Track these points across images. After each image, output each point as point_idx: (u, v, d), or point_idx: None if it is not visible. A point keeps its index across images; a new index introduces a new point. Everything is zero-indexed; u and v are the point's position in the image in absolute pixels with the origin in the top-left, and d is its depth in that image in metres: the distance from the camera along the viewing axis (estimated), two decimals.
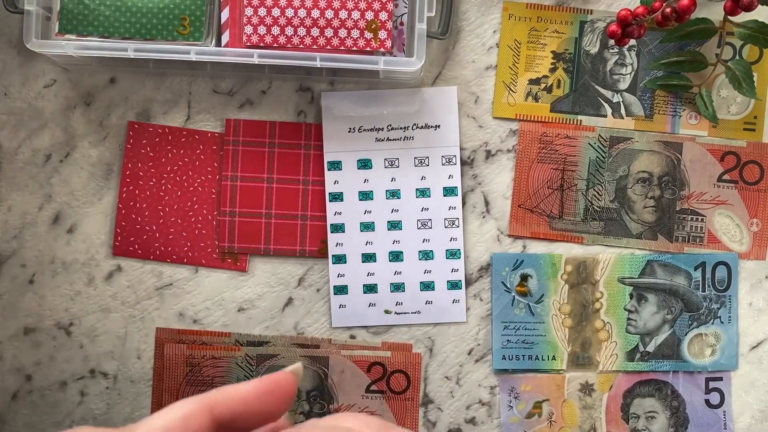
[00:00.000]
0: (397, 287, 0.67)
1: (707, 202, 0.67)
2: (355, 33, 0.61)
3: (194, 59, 0.60)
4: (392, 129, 0.66)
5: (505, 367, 0.67)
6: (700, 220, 0.67)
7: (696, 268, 0.66)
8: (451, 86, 0.66)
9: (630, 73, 0.66)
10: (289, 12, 0.61)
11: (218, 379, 0.66)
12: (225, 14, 0.63)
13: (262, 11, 0.61)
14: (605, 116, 0.66)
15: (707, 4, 0.65)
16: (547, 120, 0.66)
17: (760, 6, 0.60)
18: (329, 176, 0.66)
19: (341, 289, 0.67)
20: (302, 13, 0.61)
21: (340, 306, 0.67)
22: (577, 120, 0.67)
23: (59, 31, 0.62)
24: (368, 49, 0.62)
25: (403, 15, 0.63)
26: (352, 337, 0.67)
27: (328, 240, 0.67)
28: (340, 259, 0.67)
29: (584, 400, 0.67)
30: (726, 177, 0.67)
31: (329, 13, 0.61)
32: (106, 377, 0.68)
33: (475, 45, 0.67)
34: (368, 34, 0.61)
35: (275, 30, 0.62)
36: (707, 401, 0.67)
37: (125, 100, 0.67)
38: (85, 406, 0.68)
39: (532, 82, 0.66)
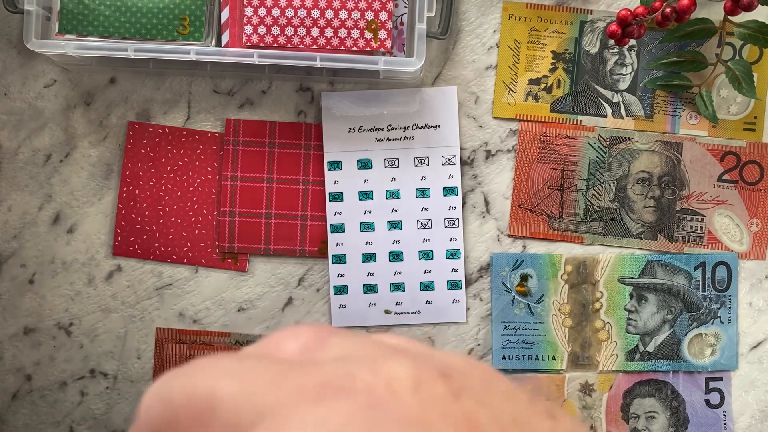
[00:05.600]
0: (397, 287, 0.67)
1: (707, 202, 0.67)
2: (355, 33, 0.61)
3: (194, 59, 0.60)
4: (392, 129, 0.66)
5: (505, 367, 0.67)
6: (700, 220, 0.67)
7: (696, 268, 0.66)
8: (451, 86, 0.66)
9: (630, 73, 0.66)
10: (289, 12, 0.61)
11: None
12: (225, 14, 0.63)
13: (262, 11, 0.61)
14: (605, 116, 0.66)
15: (707, 4, 0.65)
16: (547, 120, 0.66)
17: (760, 6, 0.60)
18: (329, 176, 0.66)
19: (341, 289, 0.67)
20: (302, 13, 0.61)
21: (340, 306, 0.67)
22: (577, 120, 0.66)
23: (59, 31, 0.62)
24: (368, 49, 0.62)
25: (403, 15, 0.63)
26: None
27: (328, 240, 0.66)
28: (340, 259, 0.67)
29: (584, 400, 0.67)
30: (726, 177, 0.67)
31: (329, 13, 0.61)
32: (106, 377, 0.68)
33: (475, 45, 0.67)
34: (368, 34, 0.61)
35: (275, 30, 0.61)
36: (707, 401, 0.67)
37: (125, 100, 0.67)
38: (85, 406, 0.68)
39: (532, 82, 0.66)
